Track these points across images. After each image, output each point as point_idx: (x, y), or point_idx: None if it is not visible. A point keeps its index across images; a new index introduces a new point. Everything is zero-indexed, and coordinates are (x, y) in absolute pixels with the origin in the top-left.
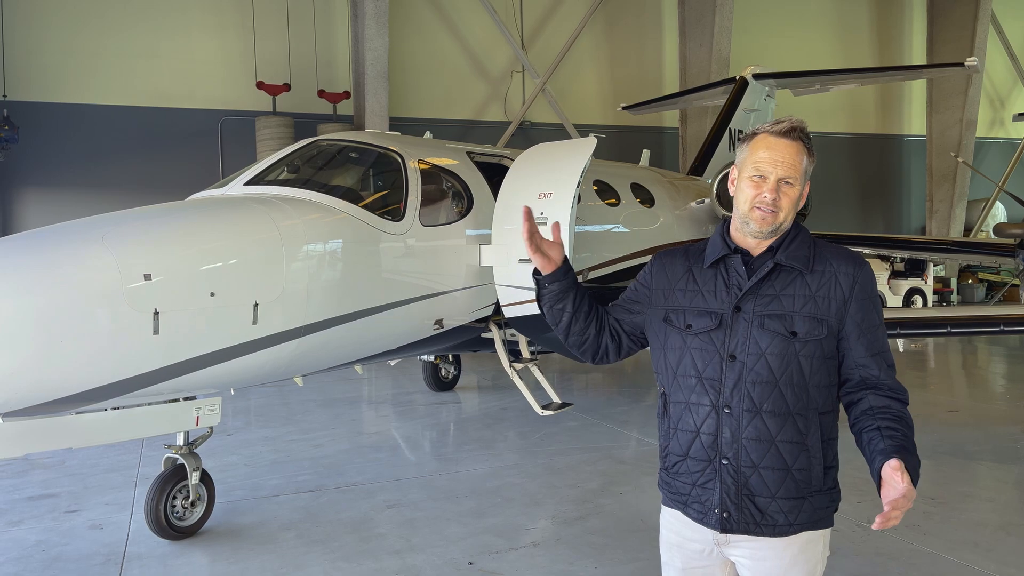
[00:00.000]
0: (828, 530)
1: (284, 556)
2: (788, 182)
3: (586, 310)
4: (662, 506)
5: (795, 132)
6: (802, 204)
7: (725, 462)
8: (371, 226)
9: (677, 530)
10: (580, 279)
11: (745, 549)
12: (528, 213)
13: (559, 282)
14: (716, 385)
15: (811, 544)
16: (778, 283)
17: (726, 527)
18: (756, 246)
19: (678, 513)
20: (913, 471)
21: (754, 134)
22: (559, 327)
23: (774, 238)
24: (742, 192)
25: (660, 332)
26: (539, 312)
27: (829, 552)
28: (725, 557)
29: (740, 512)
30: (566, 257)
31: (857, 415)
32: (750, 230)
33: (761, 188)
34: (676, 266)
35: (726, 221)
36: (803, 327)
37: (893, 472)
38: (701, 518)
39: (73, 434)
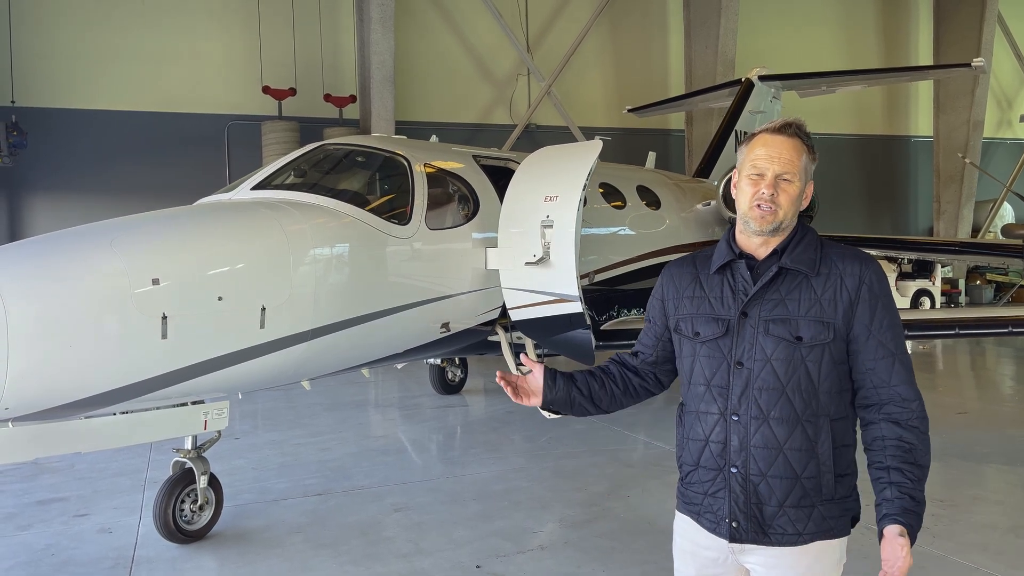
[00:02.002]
0: (844, 538)
1: (292, 560)
2: (786, 178)
3: (598, 386)
4: (676, 512)
5: (791, 128)
6: (805, 204)
7: (734, 470)
8: (377, 230)
9: (691, 537)
10: (587, 282)
11: (759, 556)
12: (503, 378)
13: (557, 396)
14: (724, 393)
15: (826, 552)
16: (783, 287)
17: (735, 537)
18: (761, 248)
19: (692, 521)
20: (915, 525)
21: (752, 136)
22: (594, 414)
23: (778, 239)
24: (742, 192)
25: (676, 341)
26: (545, 315)
27: (845, 559)
28: (740, 564)
29: (748, 521)
30: (546, 371)
31: (868, 442)
32: (751, 229)
33: (759, 185)
34: (684, 275)
35: (732, 226)
36: (808, 332)
37: (894, 539)
38: (713, 528)
39: (82, 438)
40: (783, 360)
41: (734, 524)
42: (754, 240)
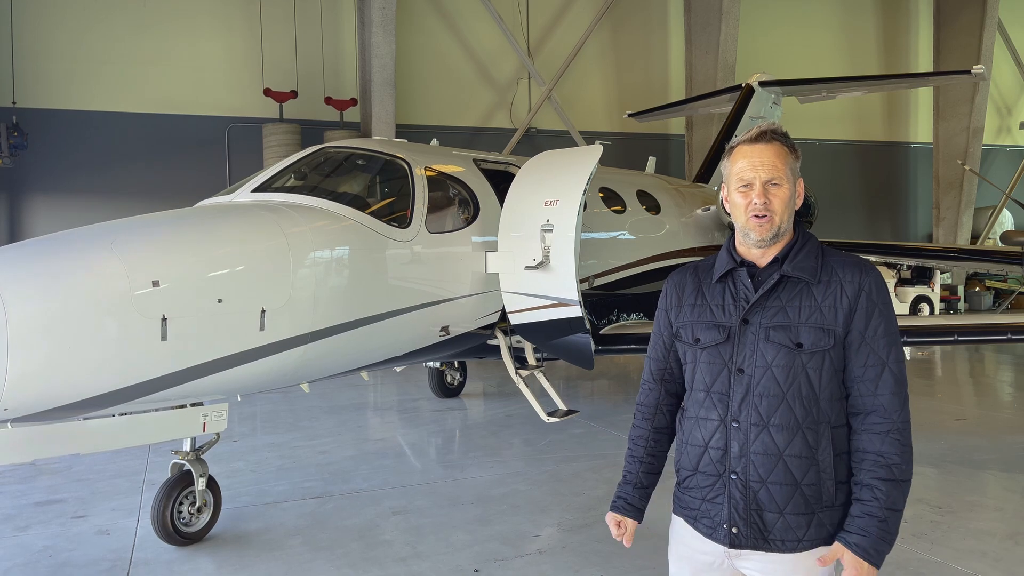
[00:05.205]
0: None
1: (290, 562)
2: (774, 183)
3: (665, 443)
4: (672, 515)
5: (767, 135)
6: (799, 203)
7: (734, 477)
8: (378, 233)
9: (686, 541)
10: (586, 286)
11: (756, 562)
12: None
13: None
14: (724, 399)
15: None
16: (784, 294)
17: (735, 543)
18: (762, 257)
19: (688, 525)
20: (876, 546)
21: (731, 149)
22: None
23: (778, 246)
24: (735, 206)
25: (679, 349)
26: (545, 319)
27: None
28: (735, 569)
29: (748, 527)
30: (637, 500)
31: (852, 451)
32: (752, 241)
33: (749, 196)
34: (686, 284)
35: (733, 235)
36: (809, 338)
37: (850, 569)
38: (710, 533)
39: (80, 440)
40: (783, 367)
41: (734, 530)
42: (755, 251)
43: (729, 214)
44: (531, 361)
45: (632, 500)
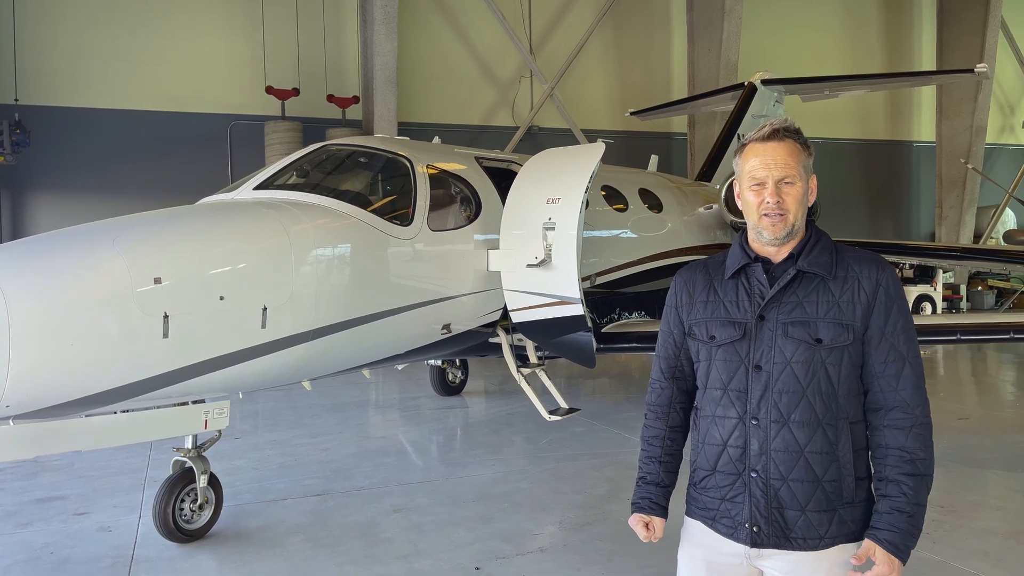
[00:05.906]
0: (860, 543)
1: (291, 560)
2: (787, 181)
3: (681, 441)
4: (686, 518)
5: (779, 133)
6: (812, 198)
7: (754, 475)
8: (380, 231)
9: (705, 543)
10: (588, 285)
11: (778, 561)
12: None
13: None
14: (742, 397)
15: (844, 556)
16: (801, 290)
17: (756, 542)
18: (776, 253)
19: (705, 526)
20: (905, 540)
21: (743, 146)
22: None
23: (792, 243)
24: (747, 204)
25: (691, 347)
26: (547, 317)
27: None
28: (755, 568)
29: (770, 526)
30: (662, 498)
31: (872, 448)
32: (765, 240)
33: (762, 194)
34: (697, 280)
35: (744, 231)
36: (828, 334)
37: (881, 564)
38: (731, 533)
39: (82, 437)
40: (803, 363)
41: (755, 529)
42: (769, 247)
43: (733, 213)
44: (533, 359)
45: (657, 499)
